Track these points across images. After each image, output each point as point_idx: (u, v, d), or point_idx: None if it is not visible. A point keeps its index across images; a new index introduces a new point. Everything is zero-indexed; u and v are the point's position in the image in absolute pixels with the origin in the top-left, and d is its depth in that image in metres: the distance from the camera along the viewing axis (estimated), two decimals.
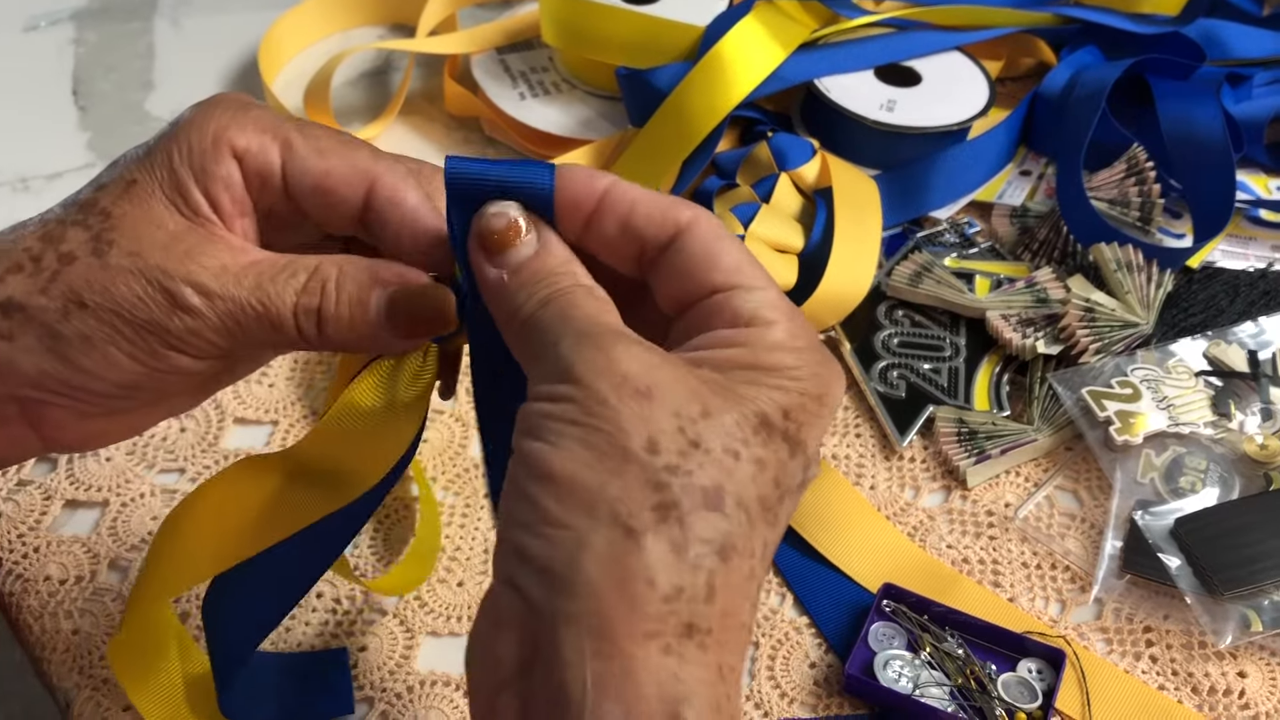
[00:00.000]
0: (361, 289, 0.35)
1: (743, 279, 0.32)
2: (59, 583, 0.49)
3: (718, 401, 0.30)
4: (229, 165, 0.35)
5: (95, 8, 0.82)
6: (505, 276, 0.32)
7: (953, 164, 0.64)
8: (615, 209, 0.33)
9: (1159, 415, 0.52)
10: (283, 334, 0.35)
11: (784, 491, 0.30)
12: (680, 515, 0.28)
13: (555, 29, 0.67)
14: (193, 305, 0.34)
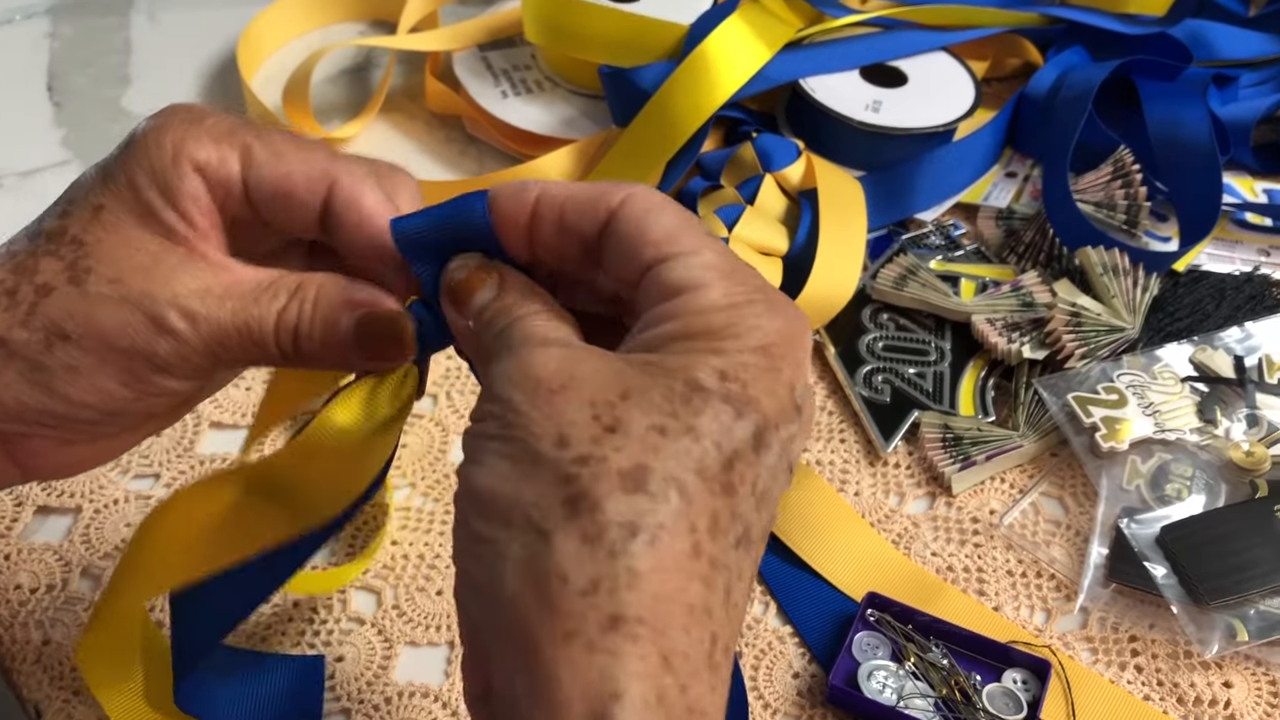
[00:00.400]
0: (333, 309, 0.35)
1: (672, 247, 0.31)
2: (29, 591, 0.48)
3: (642, 380, 0.29)
4: (193, 180, 0.35)
5: (71, 1, 0.80)
6: (471, 324, 0.33)
7: (938, 166, 0.64)
8: (548, 214, 0.33)
9: (1145, 421, 0.52)
10: (264, 352, 0.35)
11: (731, 456, 0.29)
12: (591, 504, 0.27)
13: (538, 27, 0.66)
14: (178, 329, 0.34)
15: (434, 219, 0.34)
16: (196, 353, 0.34)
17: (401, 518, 0.51)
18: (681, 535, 0.28)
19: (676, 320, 0.30)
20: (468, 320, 0.33)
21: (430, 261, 0.34)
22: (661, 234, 0.31)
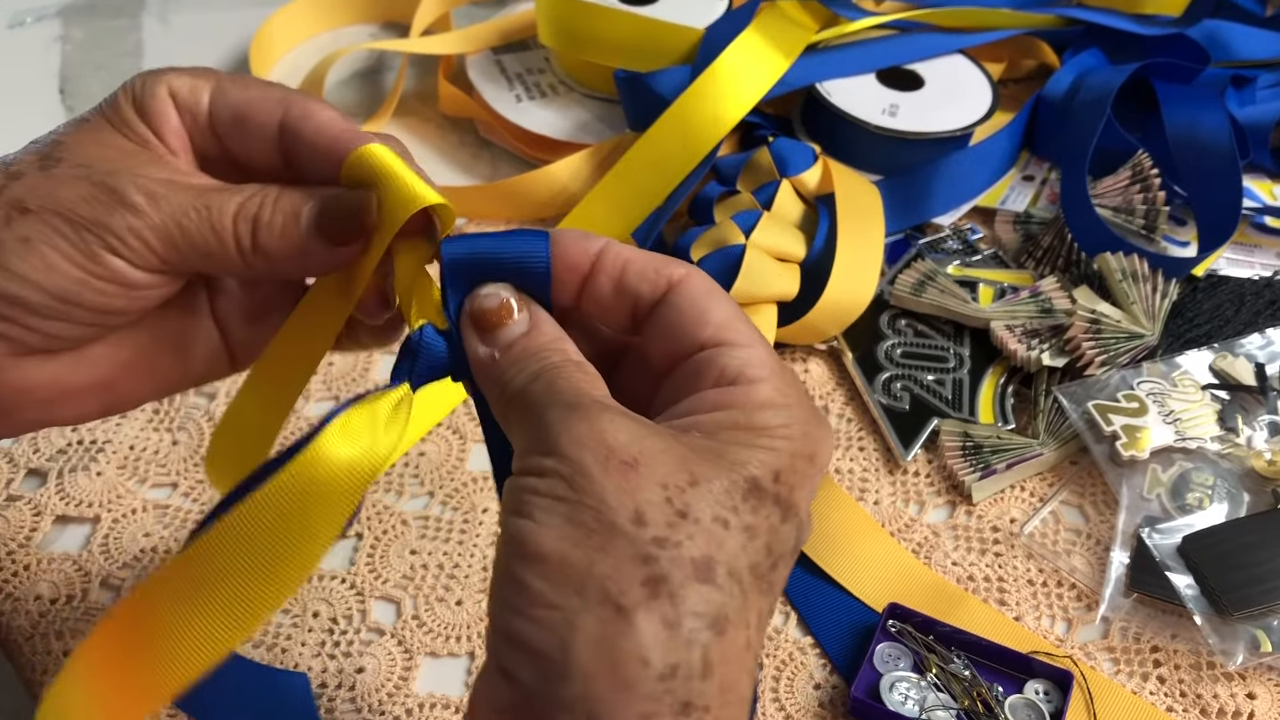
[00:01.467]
0: (294, 202, 0.35)
1: (731, 335, 0.32)
2: (49, 602, 0.48)
3: (706, 468, 0.29)
4: (166, 103, 0.36)
5: (82, 4, 0.80)
6: (496, 355, 0.33)
7: (956, 170, 0.63)
8: (609, 269, 0.34)
9: (1165, 430, 0.52)
10: (221, 242, 0.35)
11: (776, 558, 0.30)
12: (671, 589, 0.27)
13: (552, 30, 0.66)
14: (135, 203, 0.34)
15: (490, 247, 0.34)
16: (151, 231, 0.34)
17: (420, 527, 0.51)
18: (740, 629, 0.29)
19: (734, 411, 0.31)
20: (494, 351, 0.33)
21: (464, 287, 0.34)
22: (721, 319, 0.32)
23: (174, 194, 0.34)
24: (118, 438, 0.54)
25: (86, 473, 0.52)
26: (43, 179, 0.34)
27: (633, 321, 0.34)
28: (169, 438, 0.54)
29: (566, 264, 0.34)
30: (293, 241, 0.35)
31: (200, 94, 0.36)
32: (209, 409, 0.55)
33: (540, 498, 0.29)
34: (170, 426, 0.54)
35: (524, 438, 0.31)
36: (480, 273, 0.34)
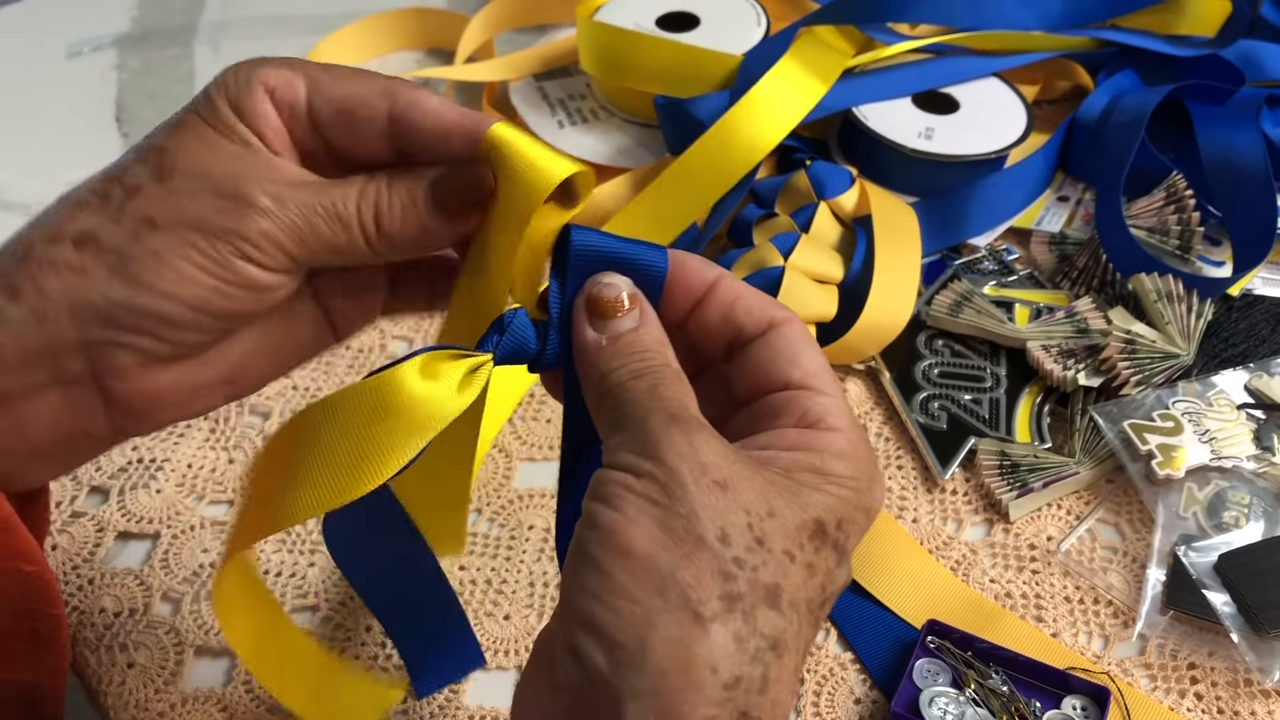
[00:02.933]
0: (409, 184, 0.36)
1: (817, 383, 0.34)
2: (114, 615, 0.50)
3: (782, 503, 0.31)
4: (264, 102, 0.36)
5: (136, 34, 0.83)
6: (604, 341, 0.34)
7: (991, 191, 0.64)
8: (721, 299, 0.36)
9: (1201, 449, 0.53)
10: (349, 234, 0.35)
11: (828, 596, 0.32)
12: (745, 608, 0.29)
13: (593, 57, 0.68)
14: (265, 207, 0.34)
15: (617, 246, 0.35)
16: (282, 231, 0.35)
17: (469, 542, 0.52)
18: (793, 654, 0.30)
19: (811, 454, 0.33)
20: (602, 338, 0.34)
21: (579, 277, 0.35)
22: (811, 367, 0.35)
23: (296, 193, 0.35)
24: (176, 456, 0.55)
25: (146, 490, 0.54)
26: (163, 192, 0.34)
27: (727, 350, 0.36)
28: (225, 456, 0.56)
29: (685, 285, 0.36)
30: (413, 222, 0.36)
31: (296, 89, 0.36)
32: (263, 428, 0.57)
33: (634, 496, 0.30)
34: (226, 445, 0.56)
35: (619, 433, 0.32)
36: (599, 267, 0.35)
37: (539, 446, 0.56)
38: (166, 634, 0.49)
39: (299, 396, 0.58)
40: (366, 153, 0.37)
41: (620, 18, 0.70)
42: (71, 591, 0.50)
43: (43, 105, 0.77)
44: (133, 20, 0.84)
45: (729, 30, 0.70)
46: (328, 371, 0.59)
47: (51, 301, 0.34)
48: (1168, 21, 0.74)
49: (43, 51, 0.81)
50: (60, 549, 0.52)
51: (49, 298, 0.34)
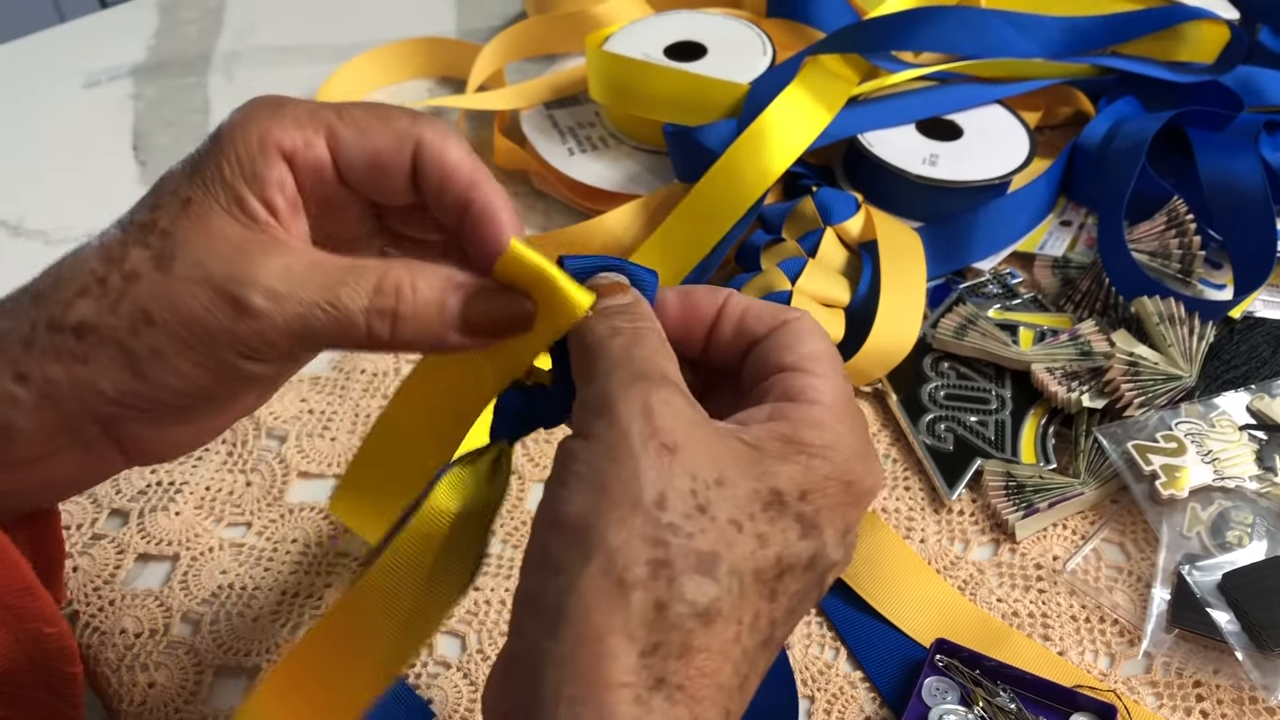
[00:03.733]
0: (435, 291, 0.35)
1: (809, 364, 0.34)
2: (134, 636, 0.50)
3: (735, 471, 0.31)
4: (280, 168, 0.35)
5: (153, 63, 0.84)
6: (592, 315, 0.34)
7: (995, 216, 0.65)
8: (730, 315, 0.37)
9: (1204, 469, 0.53)
10: (351, 336, 0.35)
11: (784, 569, 0.31)
12: (671, 575, 0.29)
13: (602, 86, 0.69)
14: (260, 309, 0.33)
15: (608, 260, 0.36)
16: (278, 333, 0.34)
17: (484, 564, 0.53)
18: (731, 624, 0.30)
19: (785, 423, 0.33)
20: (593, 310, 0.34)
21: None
22: (810, 351, 0.35)
23: (295, 289, 0.34)
24: (194, 479, 0.56)
25: (166, 512, 0.55)
26: (162, 282, 0.34)
27: (743, 359, 0.37)
28: (243, 479, 0.56)
29: (697, 314, 0.37)
30: (433, 331, 0.35)
31: (317, 148, 0.36)
32: (280, 451, 0.57)
33: (579, 464, 0.30)
34: (244, 469, 0.57)
35: (584, 388, 0.33)
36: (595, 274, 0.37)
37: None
38: (186, 654, 0.50)
39: (314, 420, 0.59)
40: (392, 197, 0.37)
41: (629, 47, 0.71)
42: (93, 613, 0.51)
43: (61, 134, 0.79)
44: (149, 50, 0.86)
45: (736, 59, 0.71)
46: (343, 396, 0.60)
47: (58, 387, 0.34)
48: (1167, 48, 0.75)
49: (61, 81, 0.83)
50: (81, 571, 0.53)
51: (56, 384, 0.34)
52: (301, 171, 0.36)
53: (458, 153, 0.36)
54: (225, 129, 0.36)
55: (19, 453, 0.35)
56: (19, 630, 0.37)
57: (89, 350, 0.34)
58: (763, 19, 0.78)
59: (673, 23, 0.74)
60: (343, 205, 0.38)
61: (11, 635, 0.38)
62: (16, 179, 0.75)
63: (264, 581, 0.52)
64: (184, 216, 0.35)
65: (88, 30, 0.89)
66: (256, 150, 0.35)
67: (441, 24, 0.88)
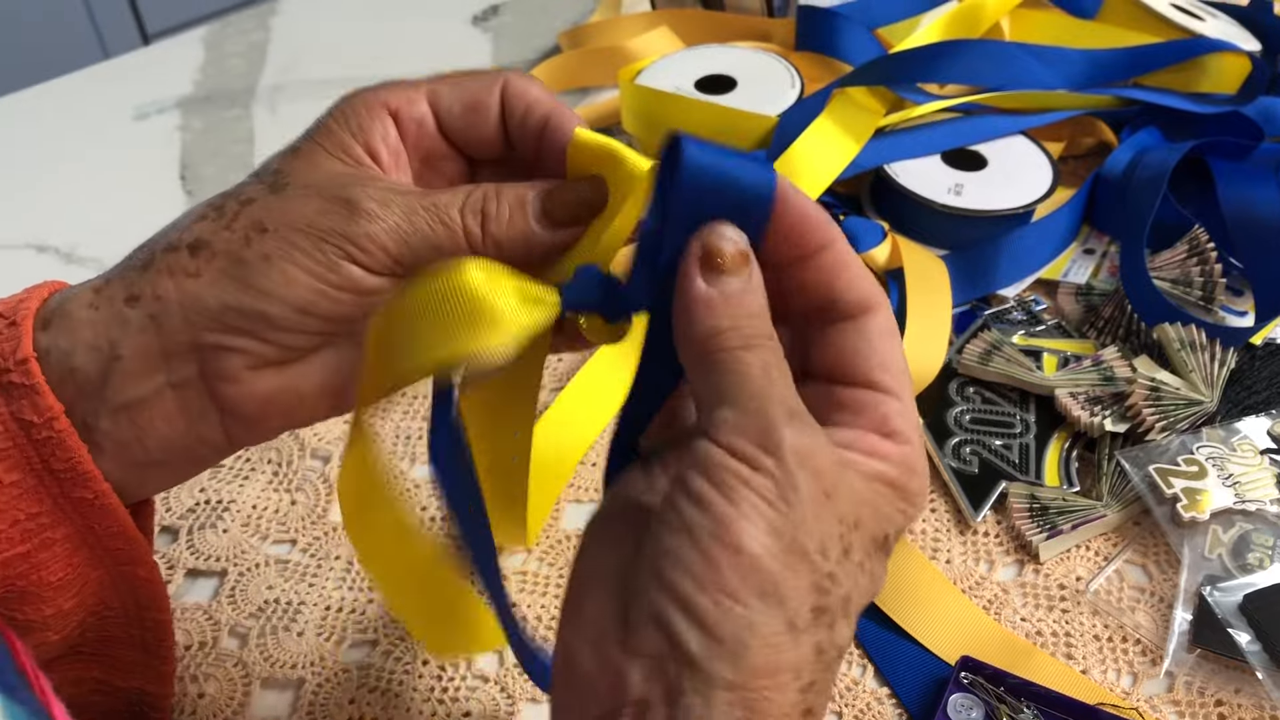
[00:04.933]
0: (519, 192, 0.38)
1: (899, 388, 0.34)
2: (184, 648, 0.52)
3: (867, 514, 0.32)
4: (384, 122, 0.39)
5: (199, 96, 0.87)
6: (715, 295, 0.32)
7: (1019, 244, 0.67)
8: (828, 264, 0.34)
9: (1225, 492, 0.54)
10: (451, 235, 0.37)
11: (869, 598, 0.34)
12: (830, 620, 0.32)
13: (635, 118, 0.71)
14: (369, 209, 0.36)
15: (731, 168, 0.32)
16: (387, 235, 0.36)
17: (519, 581, 0.55)
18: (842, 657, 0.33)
19: (890, 465, 0.33)
20: (715, 290, 0.32)
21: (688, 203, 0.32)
22: (896, 368, 0.34)
23: (401, 197, 0.37)
24: (241, 497, 0.58)
25: (214, 529, 0.57)
26: (275, 200, 0.37)
27: (816, 313, 0.35)
28: (288, 498, 0.58)
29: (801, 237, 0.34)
30: (520, 227, 0.37)
31: (419, 104, 0.39)
32: (324, 471, 0.59)
33: (750, 491, 0.30)
34: (289, 487, 0.59)
35: (731, 410, 0.31)
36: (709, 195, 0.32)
37: (585, 489, 0.59)
38: (234, 666, 0.52)
39: None
40: (488, 148, 0.40)
41: (661, 81, 0.73)
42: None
43: (112, 165, 0.81)
44: (195, 84, 0.89)
45: (765, 92, 0.73)
46: (384, 417, 0.62)
47: (166, 305, 0.36)
48: (1189, 79, 0.76)
49: (111, 114, 0.86)
50: None
51: (164, 302, 0.36)
52: (405, 125, 0.39)
53: (538, 89, 0.40)
54: (338, 104, 0.40)
55: (119, 391, 0.36)
56: (115, 573, 0.39)
57: (201, 265, 0.36)
58: (791, 52, 0.80)
59: (703, 56, 0.77)
60: (441, 158, 0.41)
61: (108, 576, 0.39)
62: (69, 208, 0.78)
63: (308, 596, 0.54)
64: (294, 158, 0.38)
65: (136, 65, 0.92)
66: (363, 109, 0.39)
67: (478, 57, 0.90)
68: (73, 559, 0.38)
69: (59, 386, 0.36)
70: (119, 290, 0.37)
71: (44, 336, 0.37)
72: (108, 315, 0.37)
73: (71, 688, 0.42)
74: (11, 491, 0.36)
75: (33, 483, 0.36)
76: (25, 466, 0.36)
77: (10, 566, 0.36)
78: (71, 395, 0.36)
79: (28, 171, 0.81)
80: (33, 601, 0.37)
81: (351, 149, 0.38)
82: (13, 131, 0.84)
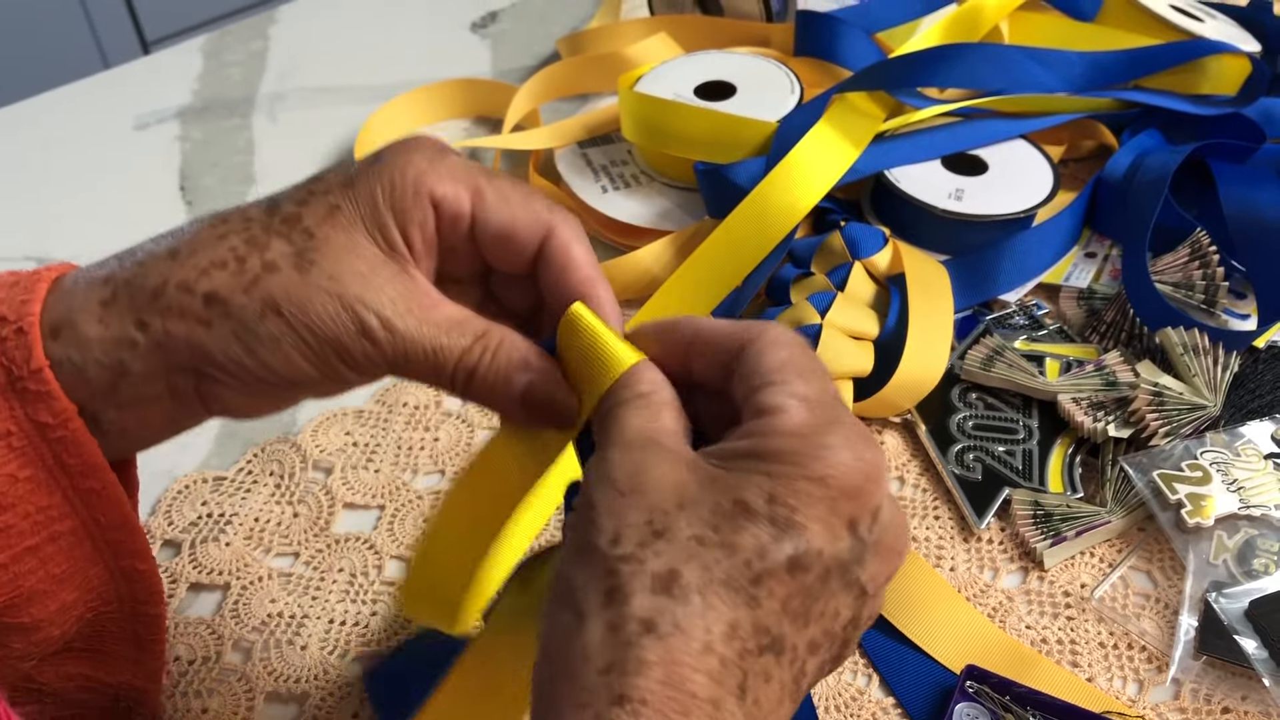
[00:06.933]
0: (511, 367, 0.39)
1: (777, 377, 0.35)
2: (188, 663, 0.52)
3: (698, 493, 0.33)
4: (426, 210, 0.39)
5: (199, 105, 0.87)
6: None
7: (1020, 249, 0.66)
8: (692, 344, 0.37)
9: (1229, 497, 0.54)
10: (439, 377, 0.39)
11: (761, 573, 0.32)
12: (623, 597, 0.31)
13: (634, 126, 0.71)
14: (377, 336, 0.37)
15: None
16: (384, 358, 0.38)
17: None
18: (695, 634, 0.31)
19: (752, 439, 0.34)
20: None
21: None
22: (772, 365, 0.35)
23: (410, 328, 0.38)
24: (244, 510, 0.58)
25: (216, 543, 0.57)
26: (297, 281, 0.37)
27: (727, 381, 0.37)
28: (290, 510, 0.58)
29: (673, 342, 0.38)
30: (499, 397, 0.39)
31: (462, 202, 0.39)
32: (326, 483, 0.59)
33: (565, 530, 0.35)
34: (291, 500, 0.59)
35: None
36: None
37: None
38: (238, 681, 0.51)
39: (359, 453, 0.61)
40: (508, 267, 0.41)
41: (660, 88, 0.73)
42: None
43: (112, 175, 0.81)
44: (194, 93, 0.88)
45: (764, 98, 0.73)
46: (385, 428, 0.62)
47: (174, 341, 0.38)
48: (1189, 81, 0.76)
49: (111, 124, 0.86)
50: None
51: (172, 337, 0.37)
52: (443, 217, 0.39)
53: (581, 250, 0.40)
54: (387, 158, 0.39)
55: (127, 393, 0.38)
56: (115, 566, 0.40)
57: (214, 318, 0.37)
58: (790, 58, 0.80)
59: (702, 63, 0.76)
60: (461, 255, 0.41)
61: (108, 571, 0.40)
62: (69, 220, 0.78)
63: (312, 610, 0.54)
64: (328, 222, 0.38)
65: (135, 74, 0.92)
66: (410, 188, 0.39)
67: (478, 66, 0.90)
68: (75, 552, 0.39)
69: (71, 392, 0.38)
70: (128, 311, 0.38)
71: (55, 346, 0.38)
72: (117, 334, 0.38)
73: (58, 684, 0.43)
74: (26, 486, 0.38)
75: (44, 476, 0.38)
76: (38, 462, 0.38)
77: (20, 563, 0.38)
78: (82, 398, 0.38)
79: (27, 183, 0.81)
80: (39, 599, 0.39)
81: (388, 230, 0.38)
82: (12, 142, 0.84)
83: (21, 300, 0.38)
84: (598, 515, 0.33)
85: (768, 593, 0.32)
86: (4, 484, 0.37)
